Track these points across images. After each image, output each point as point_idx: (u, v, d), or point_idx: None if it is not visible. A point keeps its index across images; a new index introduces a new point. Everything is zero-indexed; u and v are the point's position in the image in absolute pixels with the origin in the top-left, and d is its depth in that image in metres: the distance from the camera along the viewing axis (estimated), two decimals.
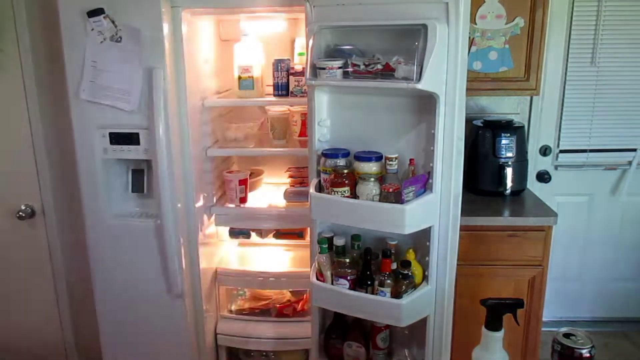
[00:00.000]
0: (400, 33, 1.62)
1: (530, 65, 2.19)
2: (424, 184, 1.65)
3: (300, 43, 2.28)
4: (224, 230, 2.45)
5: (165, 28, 1.87)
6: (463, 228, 1.80)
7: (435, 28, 1.48)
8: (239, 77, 2.17)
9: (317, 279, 1.80)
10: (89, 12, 1.84)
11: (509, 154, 2.28)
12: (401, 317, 1.67)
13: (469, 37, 1.92)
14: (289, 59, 2.18)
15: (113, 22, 1.86)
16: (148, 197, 2.10)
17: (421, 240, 1.74)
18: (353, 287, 1.74)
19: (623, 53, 2.61)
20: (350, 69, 1.64)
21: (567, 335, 1.08)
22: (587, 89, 2.67)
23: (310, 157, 1.85)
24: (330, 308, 1.84)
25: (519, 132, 2.31)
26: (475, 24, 2.16)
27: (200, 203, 2.17)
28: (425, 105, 1.65)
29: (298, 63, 2.22)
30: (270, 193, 2.45)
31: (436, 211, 1.68)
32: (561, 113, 2.71)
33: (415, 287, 1.71)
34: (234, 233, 2.44)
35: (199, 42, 2.16)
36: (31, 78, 2.22)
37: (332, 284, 1.76)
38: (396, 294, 1.68)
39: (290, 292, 2.50)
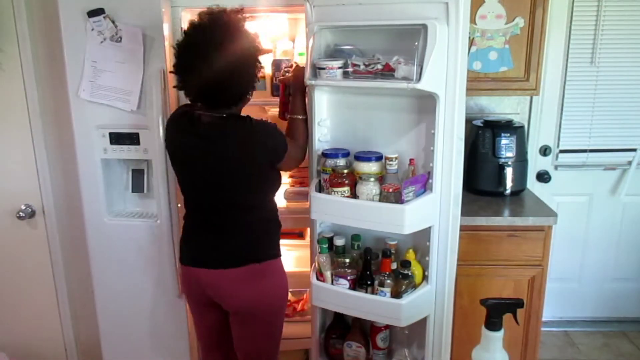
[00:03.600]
0: (400, 33, 1.62)
1: (530, 65, 2.18)
2: (424, 184, 1.65)
3: (301, 43, 2.28)
4: None
5: (166, 28, 1.87)
6: (463, 228, 1.80)
7: (435, 28, 1.48)
8: None
9: (317, 279, 1.80)
10: (89, 12, 1.84)
11: (509, 154, 2.28)
12: (401, 317, 1.67)
13: (469, 37, 1.92)
14: (288, 59, 2.18)
15: (113, 22, 1.86)
16: (148, 197, 2.11)
17: (421, 240, 1.75)
18: (353, 287, 1.74)
19: (623, 53, 2.61)
20: (350, 69, 1.64)
21: None
22: (587, 89, 2.66)
23: (310, 157, 1.85)
24: (330, 308, 1.84)
25: (518, 132, 2.31)
26: (475, 24, 2.16)
27: None
28: (425, 105, 1.65)
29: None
30: None
31: (436, 211, 1.68)
32: (561, 113, 2.70)
33: (415, 287, 1.71)
34: None
35: None
36: (31, 78, 2.22)
37: (332, 284, 1.77)
38: (396, 294, 1.68)
39: (290, 292, 2.49)
